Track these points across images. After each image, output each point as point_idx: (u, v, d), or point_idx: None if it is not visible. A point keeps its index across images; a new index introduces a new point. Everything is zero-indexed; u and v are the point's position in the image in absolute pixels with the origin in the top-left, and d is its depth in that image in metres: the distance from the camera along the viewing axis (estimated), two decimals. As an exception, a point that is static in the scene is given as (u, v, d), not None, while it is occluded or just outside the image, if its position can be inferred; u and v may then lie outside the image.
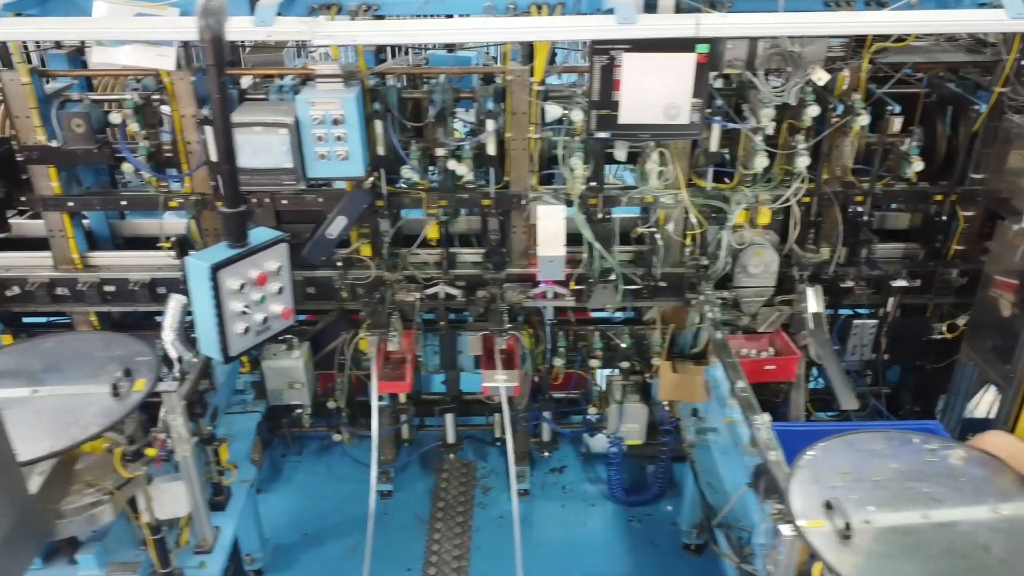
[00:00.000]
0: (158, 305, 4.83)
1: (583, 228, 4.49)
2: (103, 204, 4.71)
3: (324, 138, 4.05)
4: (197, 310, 3.08)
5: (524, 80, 4.28)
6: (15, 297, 4.81)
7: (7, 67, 4.31)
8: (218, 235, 4.72)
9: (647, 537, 5.14)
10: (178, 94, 4.33)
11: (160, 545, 3.31)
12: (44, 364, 3.45)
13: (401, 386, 4.59)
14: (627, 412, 5.00)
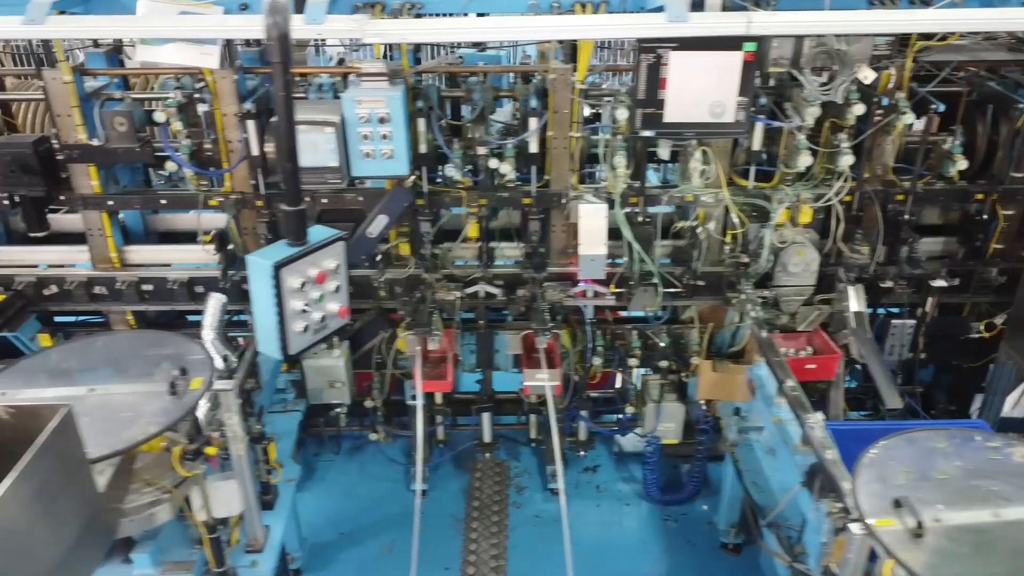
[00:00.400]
0: (195, 304, 4.84)
1: (624, 228, 4.48)
2: (143, 203, 4.70)
3: (369, 136, 4.04)
4: (257, 308, 3.06)
5: (567, 79, 4.28)
6: (53, 296, 4.81)
7: (49, 65, 4.33)
8: (256, 233, 4.73)
9: (684, 536, 5.14)
10: (220, 92, 4.33)
11: (216, 544, 3.30)
12: (97, 363, 3.44)
13: (442, 385, 4.58)
14: (664, 411, 4.99)
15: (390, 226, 4.47)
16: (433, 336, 4.51)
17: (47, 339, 4.86)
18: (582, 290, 4.62)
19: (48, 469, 2.40)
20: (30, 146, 4.32)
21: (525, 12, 4.21)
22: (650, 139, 4.26)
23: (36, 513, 2.35)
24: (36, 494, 2.34)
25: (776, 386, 4.13)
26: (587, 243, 4.44)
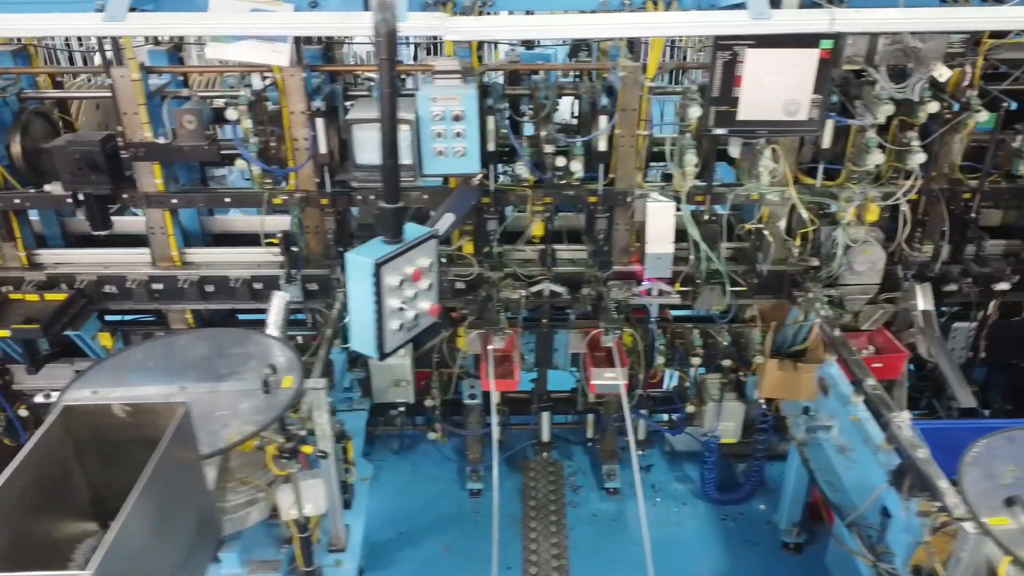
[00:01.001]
0: (256, 302, 4.83)
1: (690, 227, 4.47)
2: (207, 201, 4.68)
3: (443, 134, 4.02)
4: (354, 306, 3.05)
5: (636, 77, 4.27)
6: (113, 295, 4.79)
7: (118, 63, 4.31)
8: (318, 232, 4.72)
9: (743, 536, 5.12)
10: (288, 90, 4.32)
11: (306, 543, 3.29)
12: (182, 362, 3.42)
13: (509, 384, 4.56)
14: (725, 410, 4.98)
15: (456, 225, 4.44)
16: (501, 335, 4.49)
17: (107, 338, 4.85)
18: (647, 288, 4.61)
19: (171, 468, 2.39)
20: (98, 144, 4.30)
21: (596, 10, 4.23)
22: (722, 137, 4.25)
23: (163, 514, 2.34)
24: (162, 493, 2.32)
25: (850, 385, 4.13)
26: (654, 241, 4.43)
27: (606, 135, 4.29)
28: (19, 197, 4.57)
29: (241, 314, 5.34)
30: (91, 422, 2.50)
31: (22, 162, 4.62)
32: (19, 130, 4.58)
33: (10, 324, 4.41)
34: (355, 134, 3.97)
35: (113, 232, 4.84)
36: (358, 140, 3.98)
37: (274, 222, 4.86)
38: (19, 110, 4.63)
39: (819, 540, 4.99)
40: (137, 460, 2.57)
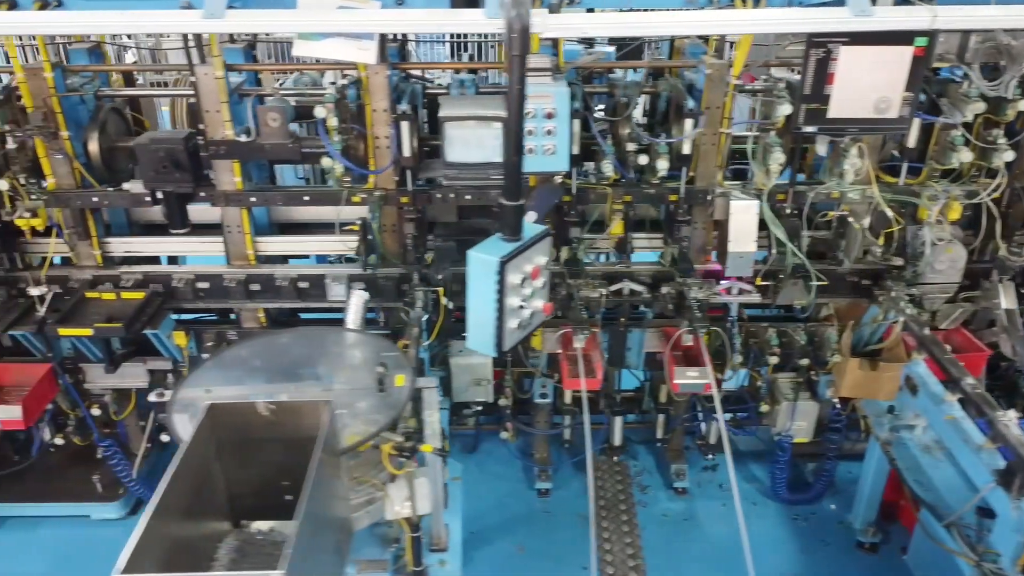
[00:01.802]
0: (328, 301, 4.81)
1: (774, 225, 4.45)
2: (285, 199, 4.67)
3: (534, 132, 4.00)
4: (475, 305, 3.02)
5: (722, 75, 4.25)
6: (186, 293, 4.78)
7: (201, 61, 4.30)
8: (394, 231, 4.70)
9: (816, 536, 5.10)
10: (372, 88, 4.30)
11: (417, 543, 3.27)
12: (289, 360, 3.40)
13: (591, 383, 4.54)
14: (799, 410, 4.96)
15: (538, 223, 4.43)
16: (583, 334, 4.47)
17: (182, 337, 4.83)
18: (726, 287, 4.59)
19: (325, 467, 2.37)
20: (181, 142, 4.29)
21: (684, 7, 4.21)
22: (810, 135, 4.23)
23: (321, 513, 2.32)
24: (320, 493, 2.31)
25: (939, 384, 4.12)
26: (737, 240, 4.41)
27: (689, 137, 4.27)
28: (97, 195, 4.55)
29: (303, 313, 5.32)
30: (234, 421, 2.48)
31: (99, 160, 4.61)
32: (97, 128, 4.57)
33: (91, 323, 4.40)
34: (447, 132, 3.95)
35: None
36: (450, 138, 3.96)
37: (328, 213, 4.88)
38: (96, 108, 4.62)
39: (893, 540, 4.98)
40: (274, 459, 2.57)
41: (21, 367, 4.88)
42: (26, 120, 4.37)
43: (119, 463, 5.01)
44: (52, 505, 5.14)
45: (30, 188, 4.45)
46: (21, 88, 4.29)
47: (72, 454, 5.34)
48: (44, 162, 4.47)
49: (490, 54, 10.53)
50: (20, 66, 4.25)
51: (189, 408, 3.11)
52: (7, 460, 5.36)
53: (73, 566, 4.88)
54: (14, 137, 4.32)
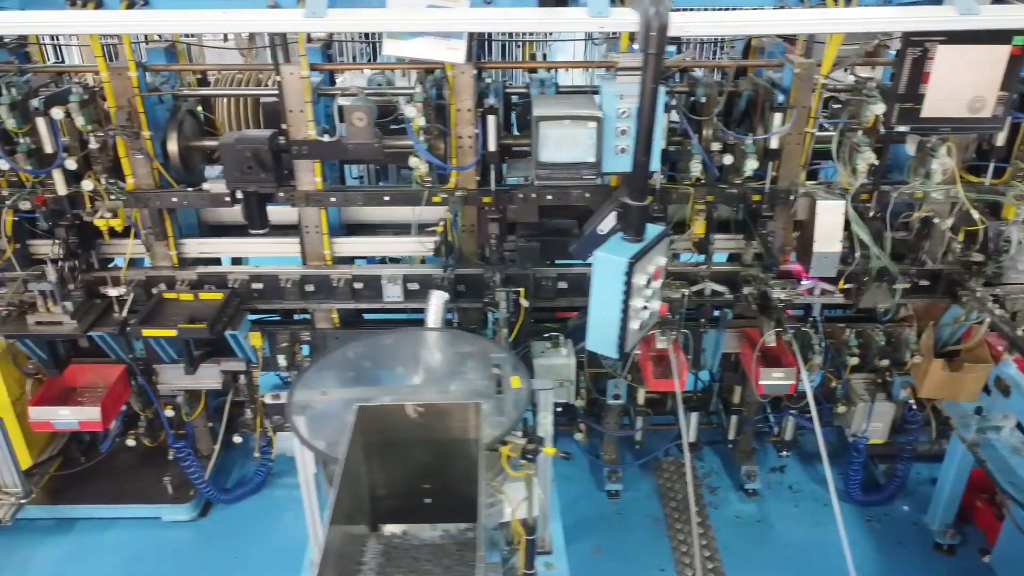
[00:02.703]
0: (407, 302, 4.79)
1: (857, 226, 4.42)
2: (366, 199, 4.64)
3: (627, 132, 3.97)
4: (598, 306, 3.00)
5: (811, 73, 4.23)
6: (263, 293, 4.76)
7: (286, 61, 4.27)
8: (473, 231, 4.68)
9: (892, 537, 5.07)
10: (458, 87, 4.28)
11: (531, 545, 3.24)
12: (399, 362, 3.38)
13: (674, 384, 4.51)
14: (875, 411, 4.93)
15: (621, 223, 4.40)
16: (668, 334, 4.44)
17: (257, 338, 4.80)
18: (808, 288, 4.57)
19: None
20: (267, 141, 4.26)
21: (774, 6, 4.19)
22: (902, 135, 4.20)
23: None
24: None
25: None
26: (823, 240, 4.38)
27: (780, 134, 4.25)
28: (176, 195, 4.52)
29: (368, 314, 5.30)
30: (380, 423, 2.45)
31: (178, 160, 4.59)
32: (176, 128, 4.55)
33: (172, 324, 4.38)
34: (542, 131, 3.92)
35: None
36: (544, 137, 3.93)
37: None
38: (174, 108, 4.60)
39: (970, 542, 4.95)
40: (416, 461, 2.54)
41: (95, 368, 4.86)
42: (108, 120, 4.35)
43: (192, 464, 4.99)
44: (123, 507, 5.11)
45: (110, 188, 4.42)
46: (105, 88, 4.27)
47: (139, 455, 5.32)
48: (124, 162, 4.45)
49: (516, 53, 10.12)
50: (105, 65, 4.22)
51: (306, 410, 3.09)
52: (73, 461, 5.33)
53: (145, 568, 4.85)
54: (96, 137, 4.29)
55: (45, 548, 4.96)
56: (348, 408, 3.08)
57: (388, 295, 4.73)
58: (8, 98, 4.15)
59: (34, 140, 4.29)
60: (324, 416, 3.04)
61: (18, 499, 4.70)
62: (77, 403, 4.74)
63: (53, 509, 5.09)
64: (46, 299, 4.42)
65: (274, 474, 5.47)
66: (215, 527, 5.14)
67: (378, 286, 4.71)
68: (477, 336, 3.68)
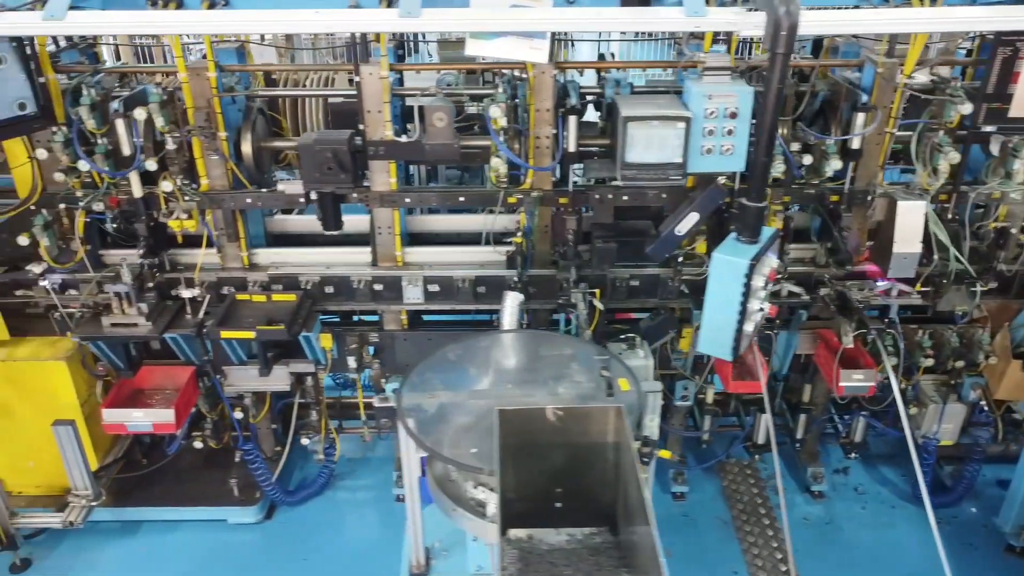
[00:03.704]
0: (478, 303, 4.77)
1: (936, 227, 4.40)
2: (440, 200, 4.62)
3: (714, 132, 3.94)
4: (716, 308, 2.99)
5: (893, 73, 4.20)
6: (334, 295, 4.74)
7: (364, 61, 4.25)
8: (546, 232, 4.65)
9: (962, 539, 5.05)
10: (538, 87, 4.25)
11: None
12: (501, 364, 3.36)
13: (755, 385, 4.49)
14: (947, 412, 4.91)
15: (699, 224, 4.38)
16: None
17: (328, 339, 4.79)
18: (885, 288, 4.54)
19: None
20: (346, 142, 4.23)
21: (859, 5, 4.16)
22: (985, 135, 4.18)
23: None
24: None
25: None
26: (903, 241, 4.36)
27: (864, 134, 4.22)
28: (251, 196, 4.50)
29: (426, 315, 5.27)
30: (517, 427, 2.43)
31: (251, 161, 4.57)
32: (250, 129, 4.53)
33: (249, 325, 4.36)
34: (630, 131, 3.89)
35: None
36: (632, 138, 3.90)
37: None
38: (247, 108, 4.57)
39: (1043, 544, 4.93)
40: (548, 465, 2.52)
41: (164, 370, 4.84)
42: (185, 121, 4.33)
43: (260, 467, 4.96)
44: (189, 509, 5.08)
45: (184, 189, 4.40)
46: (184, 88, 4.24)
47: (202, 457, 5.29)
48: (199, 163, 4.42)
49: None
50: (184, 66, 4.20)
51: (416, 412, 3.07)
52: (135, 464, 5.31)
53: (216, 571, 4.83)
54: (173, 138, 4.26)
55: (113, 550, 4.94)
56: (459, 410, 3.08)
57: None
58: (88, 99, 4.12)
59: (111, 141, 4.27)
60: (435, 419, 3.02)
61: (89, 502, 4.67)
62: (147, 405, 4.71)
63: (118, 512, 5.07)
64: (121, 301, 4.40)
65: (335, 476, 5.45)
66: (281, 529, 5.12)
67: (450, 287, 4.69)
68: (573, 338, 3.65)
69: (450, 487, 3.10)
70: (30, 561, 4.83)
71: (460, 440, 2.91)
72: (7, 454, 4.82)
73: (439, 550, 3.53)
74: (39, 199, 4.46)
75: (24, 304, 4.75)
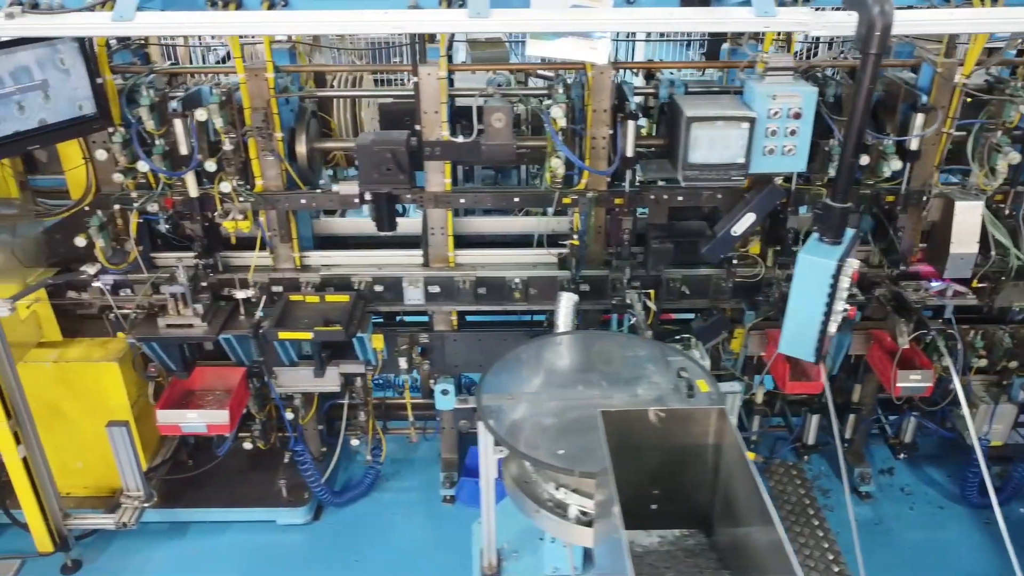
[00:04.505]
0: (529, 304, 4.76)
1: (994, 227, 4.39)
2: (495, 200, 4.61)
3: (776, 132, 3.94)
4: (800, 309, 2.98)
5: (953, 73, 4.19)
6: (385, 296, 4.73)
7: (422, 61, 4.24)
8: (598, 232, 4.65)
9: (1013, 540, 5.03)
10: (597, 88, 4.25)
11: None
12: (572, 365, 3.36)
13: (813, 386, 4.48)
14: (998, 412, 4.90)
15: (756, 225, 4.38)
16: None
17: (379, 340, 4.78)
18: (940, 288, 4.53)
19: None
20: (404, 143, 4.23)
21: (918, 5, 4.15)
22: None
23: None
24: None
25: None
26: (959, 241, 4.36)
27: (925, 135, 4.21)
28: (305, 197, 4.50)
29: (471, 316, 5.28)
30: (619, 428, 2.42)
31: (305, 162, 4.56)
32: (304, 130, 4.52)
33: (306, 326, 4.35)
34: (694, 132, 3.89)
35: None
36: (695, 138, 3.90)
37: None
38: (301, 109, 4.57)
39: (1096, 545, 4.92)
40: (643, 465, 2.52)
41: (215, 370, 4.83)
42: (241, 122, 4.32)
43: (309, 468, 4.95)
44: (237, 510, 5.08)
45: (239, 190, 4.39)
46: (242, 88, 4.23)
47: (248, 458, 5.28)
48: (254, 163, 4.41)
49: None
50: (243, 67, 4.19)
51: (497, 414, 3.06)
52: (181, 465, 5.30)
53: (266, 572, 4.82)
54: (230, 139, 4.25)
55: (163, 552, 4.94)
56: (540, 412, 3.08)
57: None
58: (148, 99, 4.11)
59: (167, 142, 4.26)
60: (517, 420, 3.02)
61: (141, 503, 4.66)
62: (197, 406, 4.71)
63: (167, 512, 5.06)
64: (177, 301, 4.39)
65: (381, 477, 5.44)
66: (330, 530, 5.11)
67: (501, 288, 4.68)
68: (644, 339, 3.65)
69: (527, 488, 3.10)
70: (80, 563, 4.83)
71: (545, 441, 2.90)
72: (57, 455, 4.81)
73: (508, 551, 3.52)
74: (92, 200, 4.46)
75: (75, 305, 4.75)
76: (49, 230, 4.60)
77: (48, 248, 4.62)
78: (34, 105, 3.81)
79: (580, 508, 2.93)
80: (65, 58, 3.86)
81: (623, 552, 1.91)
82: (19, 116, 3.76)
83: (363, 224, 5.07)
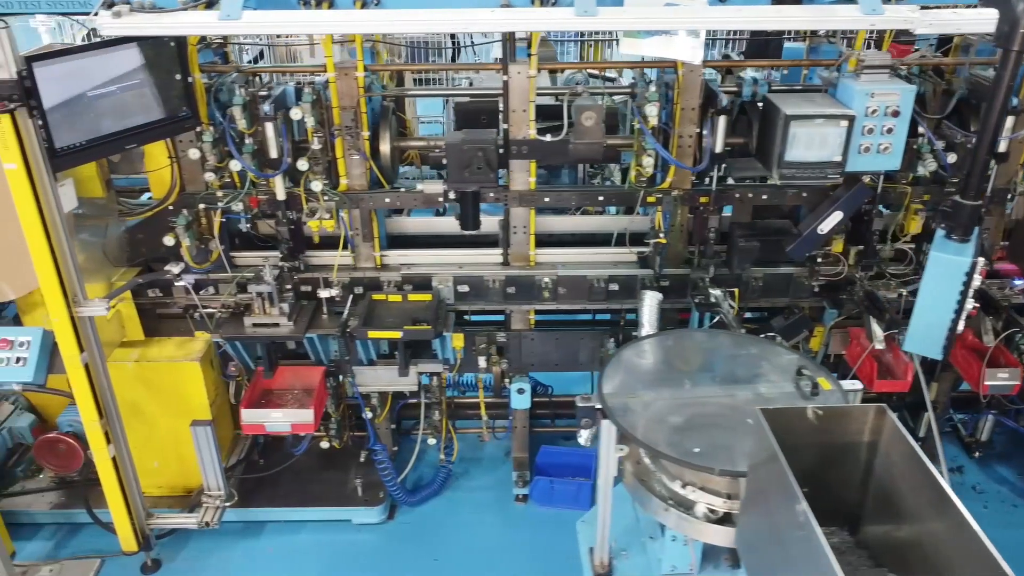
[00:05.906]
0: (608, 303, 4.77)
1: (1074, 224, 4.40)
2: (580, 199, 4.61)
3: (872, 130, 3.93)
4: (930, 307, 2.99)
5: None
6: (467, 295, 4.73)
7: (512, 60, 4.24)
8: (682, 230, 4.64)
9: (1086, 539, 5.04)
10: (686, 86, 4.24)
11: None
12: (691, 364, 3.36)
13: (901, 385, 4.47)
14: (1074, 410, 4.91)
15: (842, 223, 4.37)
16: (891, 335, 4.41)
17: (459, 339, 4.78)
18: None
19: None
20: (493, 141, 4.23)
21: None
22: None
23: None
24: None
25: None
26: (1046, 239, 4.36)
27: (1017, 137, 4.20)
28: (389, 196, 4.50)
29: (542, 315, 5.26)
30: (773, 426, 2.42)
31: (388, 161, 4.56)
32: (387, 128, 4.52)
33: (392, 325, 4.35)
34: (792, 130, 3.87)
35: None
36: (794, 136, 3.89)
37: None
38: (383, 108, 4.57)
39: None
40: (797, 463, 2.51)
41: (293, 370, 4.83)
42: (329, 121, 4.32)
43: (387, 467, 4.95)
44: (313, 510, 5.07)
45: (324, 189, 4.39)
46: (331, 87, 4.23)
47: (320, 457, 5.28)
48: (341, 163, 4.41)
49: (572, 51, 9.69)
50: (333, 65, 4.19)
51: (623, 413, 3.06)
52: (253, 465, 5.30)
53: (345, 571, 4.82)
54: (319, 138, 4.25)
55: (241, 551, 4.93)
56: (666, 410, 3.08)
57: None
58: (241, 99, 4.11)
59: (255, 141, 4.26)
60: (643, 419, 3.02)
61: (222, 502, 4.66)
62: (277, 405, 4.71)
63: (243, 512, 5.05)
64: (263, 301, 4.39)
65: (453, 476, 5.45)
66: (406, 529, 5.11)
67: (585, 287, 4.68)
68: (755, 337, 3.64)
69: (649, 486, 3.10)
70: (160, 562, 4.82)
71: (677, 440, 2.91)
72: (136, 454, 4.81)
73: (617, 550, 3.52)
74: (176, 199, 4.46)
75: (155, 304, 4.75)
76: (131, 229, 4.60)
77: (131, 247, 4.62)
78: (131, 104, 3.81)
79: (708, 506, 2.93)
80: (160, 57, 3.85)
81: (823, 549, 1.91)
82: (118, 115, 3.76)
83: (435, 223, 5.09)
